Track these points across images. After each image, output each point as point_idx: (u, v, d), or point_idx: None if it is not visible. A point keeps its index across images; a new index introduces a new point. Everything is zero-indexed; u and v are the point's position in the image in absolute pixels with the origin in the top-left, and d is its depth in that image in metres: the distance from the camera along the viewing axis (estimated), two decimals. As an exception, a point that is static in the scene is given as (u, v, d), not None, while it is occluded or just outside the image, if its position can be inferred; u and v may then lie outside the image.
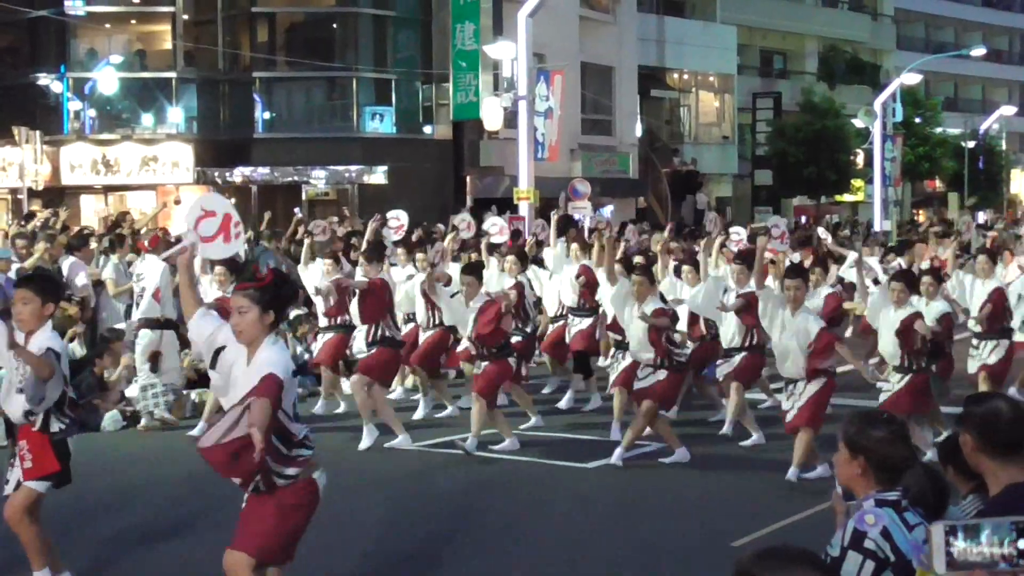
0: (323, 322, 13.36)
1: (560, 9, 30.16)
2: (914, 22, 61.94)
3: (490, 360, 11.14)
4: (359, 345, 12.31)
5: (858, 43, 53.35)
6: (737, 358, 11.68)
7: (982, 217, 50.28)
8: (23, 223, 17.17)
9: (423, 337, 13.11)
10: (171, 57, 30.69)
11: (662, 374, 10.56)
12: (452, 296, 12.02)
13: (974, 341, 12.61)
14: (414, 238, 18.52)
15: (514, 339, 12.01)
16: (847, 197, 47.83)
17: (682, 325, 12.14)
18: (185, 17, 30.47)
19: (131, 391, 13.04)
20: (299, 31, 32.31)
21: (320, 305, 13.29)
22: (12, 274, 13.10)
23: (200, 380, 14.12)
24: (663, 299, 11.15)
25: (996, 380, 12.31)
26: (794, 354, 9.74)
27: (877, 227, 36.01)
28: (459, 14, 30.15)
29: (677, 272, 13.26)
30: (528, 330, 13.24)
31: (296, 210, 23.85)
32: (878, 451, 4.09)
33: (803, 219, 44.87)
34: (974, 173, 51.15)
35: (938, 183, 54.96)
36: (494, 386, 11.28)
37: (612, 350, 12.76)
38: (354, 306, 12.22)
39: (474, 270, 11.70)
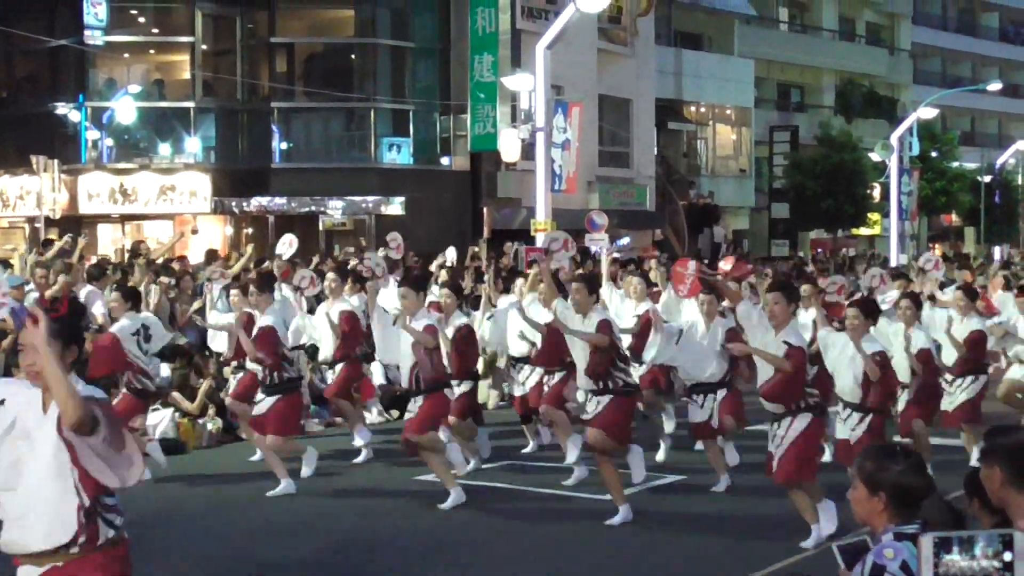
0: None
1: (578, 41, 30.21)
2: (931, 57, 61.98)
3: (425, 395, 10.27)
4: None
5: (875, 77, 53.40)
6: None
7: (999, 252, 50.20)
8: (43, 250, 17.14)
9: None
10: (189, 87, 30.81)
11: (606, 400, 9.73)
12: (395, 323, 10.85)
13: None
14: (434, 268, 18.49)
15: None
16: (864, 230, 47.77)
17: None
18: (204, 47, 30.61)
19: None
20: (317, 61, 32.42)
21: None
22: (28, 302, 13.08)
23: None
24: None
25: None
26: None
27: (893, 261, 35.90)
28: (477, 46, 30.24)
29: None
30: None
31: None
32: (898, 484, 4.09)
33: (820, 251, 44.82)
34: (991, 207, 51.04)
35: (954, 217, 54.84)
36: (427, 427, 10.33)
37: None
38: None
39: (415, 283, 10.78)
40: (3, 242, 30.31)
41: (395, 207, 30.21)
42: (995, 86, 48.33)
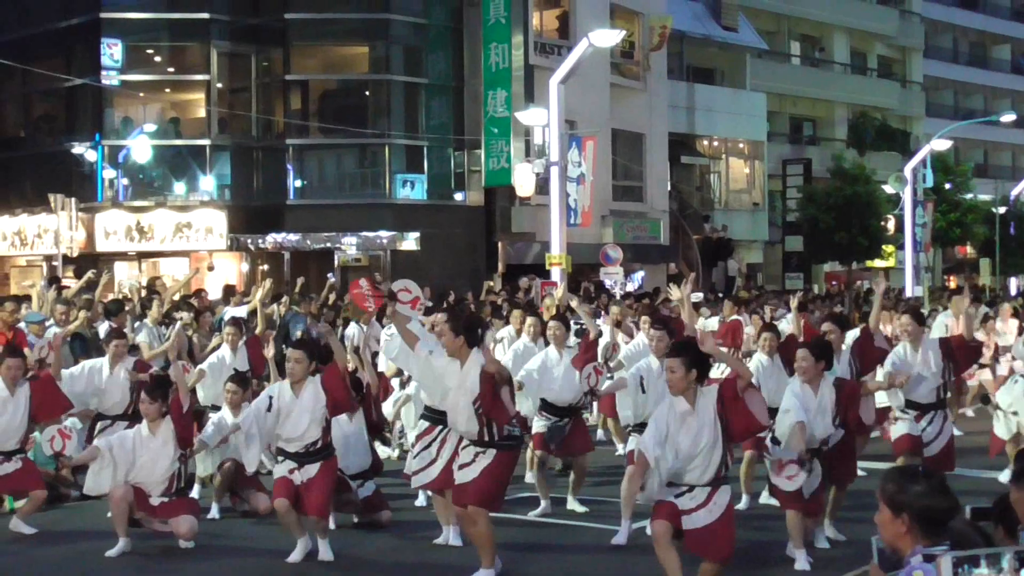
0: None
1: (591, 76, 30.34)
2: (943, 89, 62.07)
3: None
4: None
5: (887, 110, 53.47)
6: None
7: (1015, 284, 50.03)
8: (60, 289, 17.26)
9: None
10: (205, 125, 31.01)
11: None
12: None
13: None
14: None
15: None
16: (878, 263, 47.61)
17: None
18: (219, 85, 30.81)
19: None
20: (332, 98, 32.58)
21: None
22: (49, 335, 13.15)
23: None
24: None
25: None
26: None
27: (909, 293, 35.81)
28: (491, 81, 30.38)
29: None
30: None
31: (329, 275, 23.93)
32: (921, 505, 4.08)
33: (834, 284, 44.76)
34: (1006, 239, 50.86)
35: (969, 249, 54.66)
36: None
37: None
38: None
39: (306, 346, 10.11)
40: (21, 279, 30.49)
41: (410, 242, 30.29)
42: (1008, 117, 48.22)
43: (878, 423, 11.79)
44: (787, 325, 17.08)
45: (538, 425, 11.45)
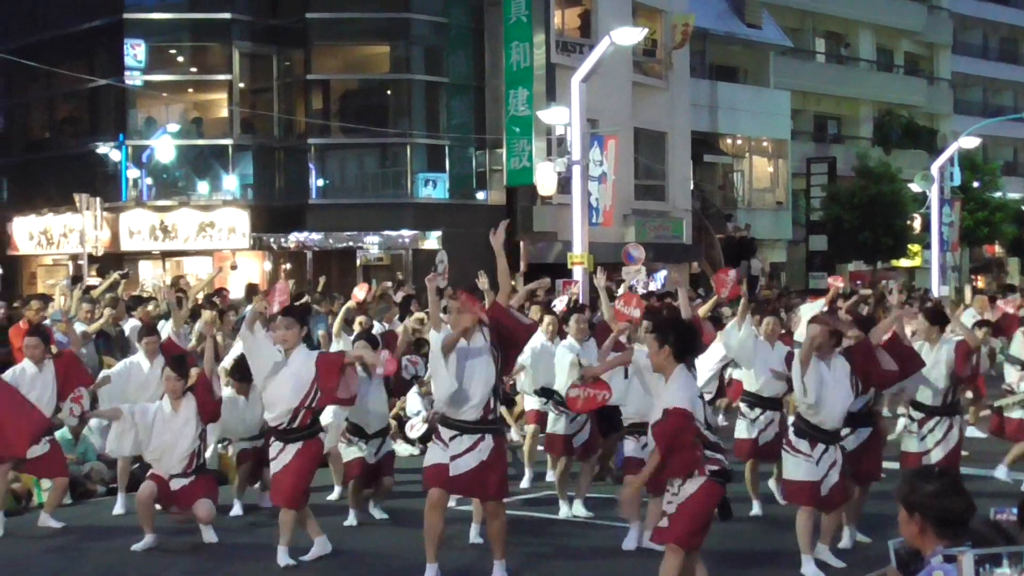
0: None
1: (613, 75, 30.28)
2: (971, 86, 61.58)
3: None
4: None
5: (914, 107, 53.08)
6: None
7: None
8: (86, 288, 17.37)
9: None
10: (227, 125, 31.14)
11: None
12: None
13: None
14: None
15: None
16: (904, 262, 47.33)
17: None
18: (241, 85, 30.95)
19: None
20: (353, 98, 32.66)
21: None
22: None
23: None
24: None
25: None
26: None
27: (935, 293, 35.56)
28: (512, 80, 30.37)
29: None
30: None
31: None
32: (933, 505, 4.08)
33: (859, 283, 44.48)
34: (1034, 238, 50.56)
35: (997, 248, 54.30)
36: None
37: None
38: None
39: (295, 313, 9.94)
40: (47, 278, 30.70)
41: (431, 242, 30.33)
42: (1038, 115, 47.87)
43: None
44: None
45: (557, 425, 11.21)
